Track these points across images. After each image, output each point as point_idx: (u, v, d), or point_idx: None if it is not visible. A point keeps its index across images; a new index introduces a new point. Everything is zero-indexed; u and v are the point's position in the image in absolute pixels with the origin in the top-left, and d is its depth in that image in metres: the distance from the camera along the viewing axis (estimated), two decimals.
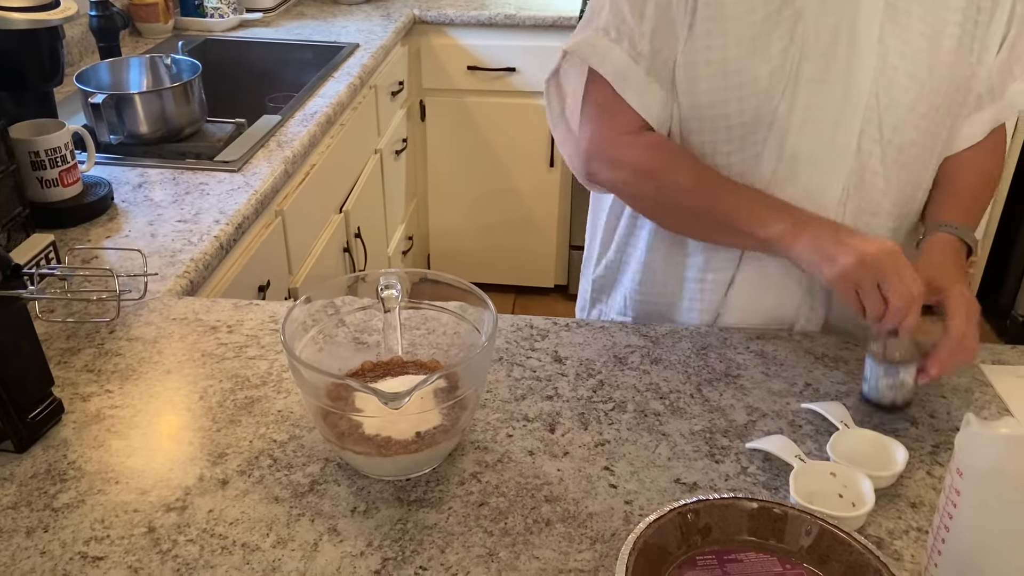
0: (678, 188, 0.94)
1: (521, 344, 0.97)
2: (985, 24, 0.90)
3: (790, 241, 0.86)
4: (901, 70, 0.89)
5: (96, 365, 0.92)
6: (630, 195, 1.01)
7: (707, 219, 0.94)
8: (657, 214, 1.00)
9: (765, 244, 0.89)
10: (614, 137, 0.97)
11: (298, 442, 0.82)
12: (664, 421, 0.85)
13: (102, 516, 0.73)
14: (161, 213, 1.29)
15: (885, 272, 0.80)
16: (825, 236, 0.84)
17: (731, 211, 0.91)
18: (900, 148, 0.92)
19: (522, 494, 0.76)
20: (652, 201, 0.98)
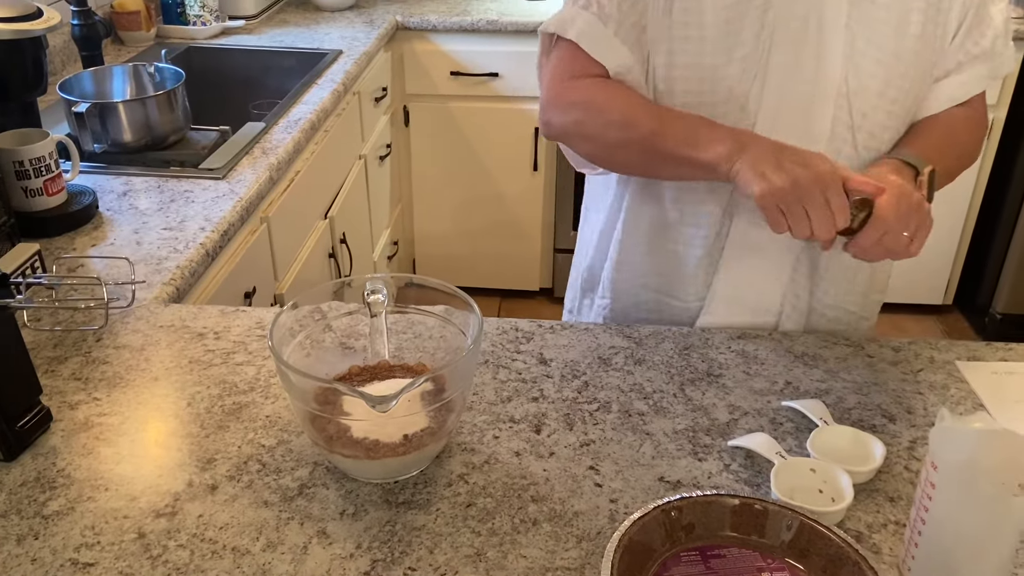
0: (622, 120, 0.94)
1: (506, 347, 0.98)
2: (946, 10, 0.93)
3: (730, 163, 0.87)
4: (868, 56, 0.91)
5: (84, 373, 0.93)
6: (581, 136, 0.99)
7: (652, 151, 0.93)
8: (605, 154, 0.99)
9: (707, 168, 0.89)
10: (568, 82, 0.97)
11: (286, 447, 0.82)
12: (648, 421, 0.86)
13: (92, 523, 0.74)
14: (146, 221, 1.29)
15: (813, 200, 0.83)
16: (765, 157, 0.85)
17: (674, 137, 0.91)
18: (871, 133, 0.95)
19: (509, 494, 0.77)
20: (600, 140, 0.97)
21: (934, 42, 0.94)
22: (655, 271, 1.06)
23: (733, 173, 0.87)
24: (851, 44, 0.90)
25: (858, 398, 0.90)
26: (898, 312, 2.73)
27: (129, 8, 2.11)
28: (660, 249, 1.05)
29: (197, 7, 2.22)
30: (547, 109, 1.00)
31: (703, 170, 0.91)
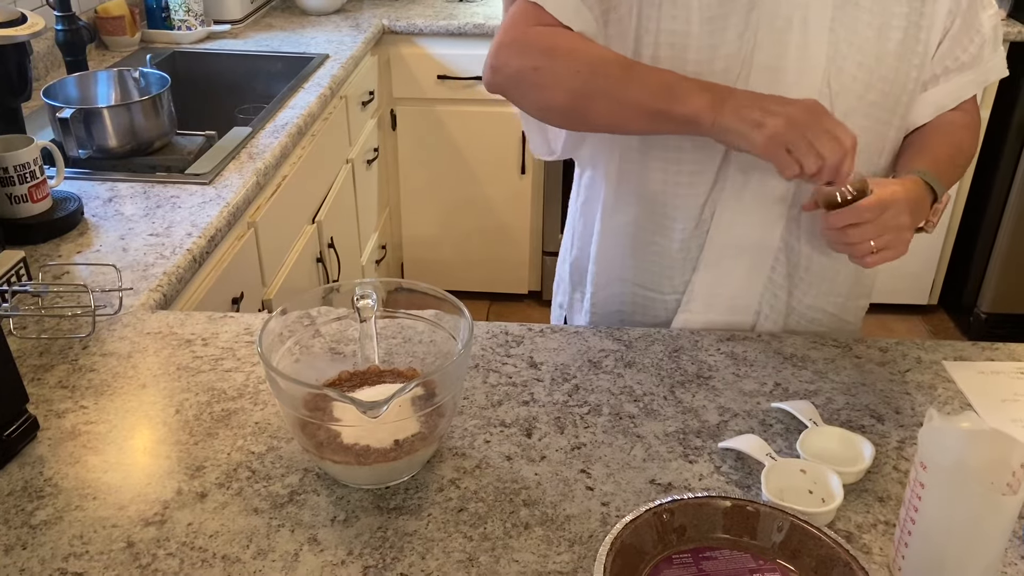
0: (590, 67, 0.89)
1: (496, 351, 0.98)
2: (929, 15, 0.94)
3: (713, 115, 0.85)
4: (850, 59, 0.92)
5: (70, 381, 0.92)
6: (537, 85, 0.92)
7: (622, 101, 0.89)
8: (566, 104, 0.92)
9: (686, 122, 0.87)
10: (528, 28, 0.93)
11: (276, 453, 0.82)
12: (639, 423, 0.86)
13: (80, 532, 0.73)
14: (132, 227, 1.28)
15: (814, 128, 0.83)
16: (748, 105, 0.84)
17: (647, 88, 0.88)
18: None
19: (500, 499, 0.77)
20: (561, 88, 0.91)
21: (916, 46, 0.94)
22: (634, 265, 1.07)
23: (718, 127, 0.85)
24: (835, 46, 0.91)
25: (847, 399, 0.90)
26: (884, 312, 2.75)
27: (113, 13, 2.09)
28: (640, 243, 1.05)
29: (182, 12, 2.21)
30: (499, 52, 0.93)
31: (681, 124, 0.87)
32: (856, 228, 0.87)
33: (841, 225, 0.88)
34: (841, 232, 0.88)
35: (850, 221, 0.87)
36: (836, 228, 0.88)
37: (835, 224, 0.88)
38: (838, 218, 0.88)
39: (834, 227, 0.89)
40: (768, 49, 0.91)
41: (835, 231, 0.89)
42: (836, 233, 0.89)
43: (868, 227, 0.87)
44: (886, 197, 0.88)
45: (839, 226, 0.88)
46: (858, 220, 0.87)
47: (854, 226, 0.87)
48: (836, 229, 0.89)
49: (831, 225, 0.89)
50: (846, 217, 0.87)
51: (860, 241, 0.88)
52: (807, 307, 1.05)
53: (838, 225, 0.88)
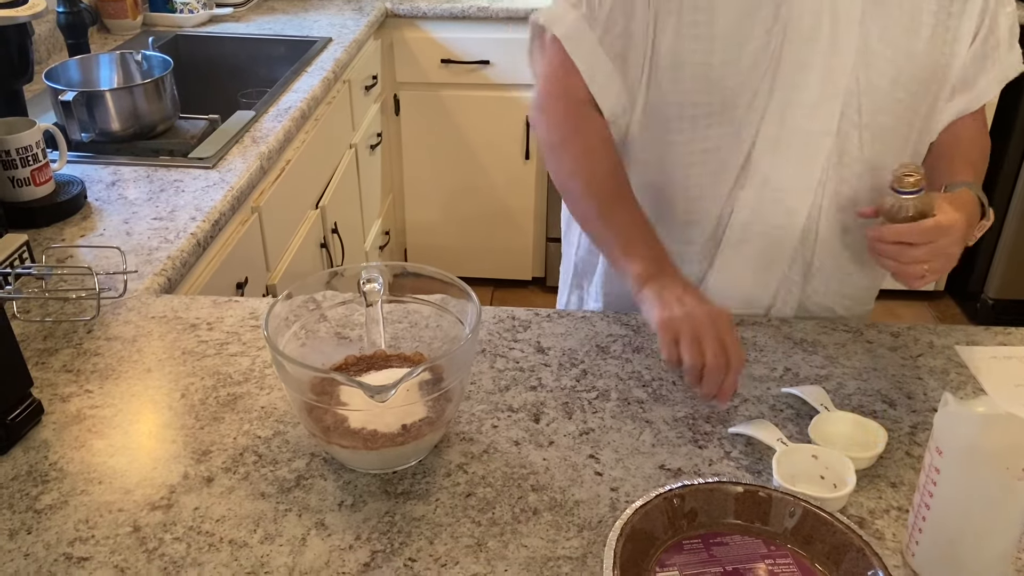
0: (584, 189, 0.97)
1: (503, 336, 0.97)
2: (958, 15, 0.92)
3: (640, 284, 0.88)
4: (880, 54, 0.90)
5: (75, 365, 0.91)
6: (549, 162, 1.01)
7: (594, 226, 0.97)
8: (561, 189, 1.01)
9: (622, 274, 0.91)
10: (561, 102, 0.99)
11: (283, 438, 0.81)
12: (647, 408, 0.86)
13: (86, 516, 0.72)
14: (136, 211, 1.27)
15: (708, 332, 0.81)
16: (670, 289, 0.86)
17: (613, 231, 0.93)
18: (876, 134, 0.94)
19: (509, 484, 0.76)
20: (561, 183, 1.00)
21: (943, 47, 0.92)
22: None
23: (638, 295, 0.88)
24: (865, 40, 0.89)
25: (858, 384, 0.89)
26: (890, 299, 2.74)
27: None
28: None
29: None
30: (538, 111, 1.01)
31: (617, 268, 0.93)
32: (911, 248, 0.86)
33: (895, 240, 0.86)
34: (895, 248, 0.86)
35: (906, 239, 0.85)
36: (889, 242, 0.86)
37: (889, 238, 0.86)
38: (894, 232, 0.86)
39: (887, 240, 0.86)
40: (797, 44, 0.89)
41: (888, 245, 0.87)
42: (889, 247, 0.87)
43: (923, 249, 0.85)
44: (946, 224, 0.85)
45: (893, 240, 0.86)
46: (916, 240, 0.85)
47: (909, 245, 0.86)
48: (889, 243, 0.87)
49: (885, 238, 0.87)
50: (904, 234, 0.85)
51: (912, 262, 0.86)
52: (816, 304, 1.05)
53: (892, 239, 0.86)
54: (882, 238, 0.87)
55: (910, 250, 0.86)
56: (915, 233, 0.85)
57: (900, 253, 0.86)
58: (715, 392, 0.81)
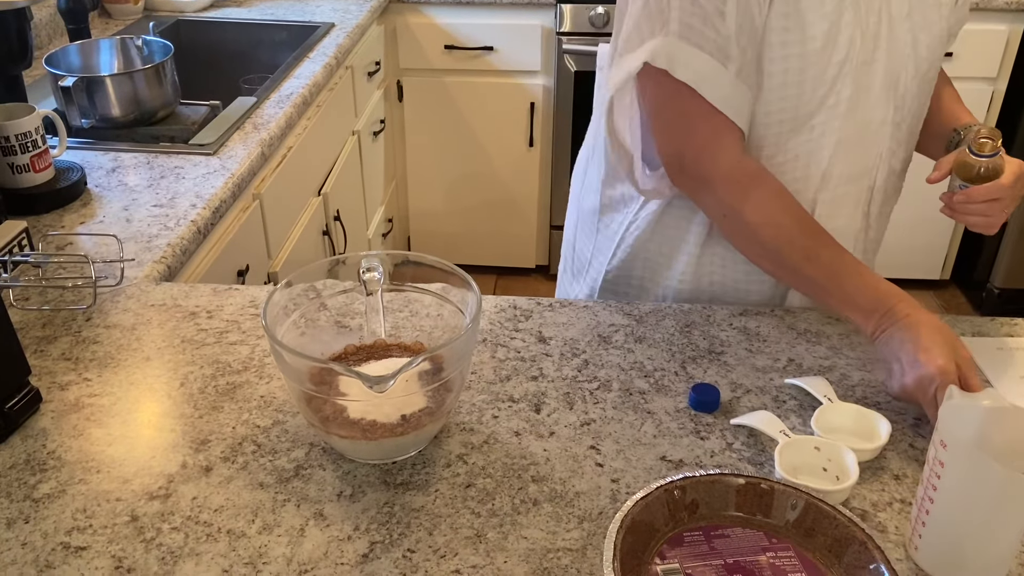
0: (775, 233, 0.89)
1: (505, 325, 0.96)
2: None
3: (873, 334, 0.84)
4: (923, 43, 0.92)
5: (73, 353, 0.91)
6: (717, 217, 0.95)
7: (794, 272, 0.90)
8: (739, 243, 0.94)
9: (846, 319, 0.91)
10: (699, 151, 0.90)
11: (282, 427, 0.81)
12: (649, 399, 0.85)
13: (84, 506, 0.72)
14: (136, 198, 1.26)
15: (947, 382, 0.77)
16: (908, 342, 0.80)
17: (823, 276, 0.87)
18: (916, 111, 0.97)
19: (509, 475, 0.76)
20: (740, 234, 0.93)
21: (950, 15, 0.94)
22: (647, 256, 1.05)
23: (877, 346, 0.84)
24: (913, 33, 0.91)
25: (862, 375, 0.89)
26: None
27: None
28: (660, 236, 1.03)
29: None
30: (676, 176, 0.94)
31: (841, 316, 0.94)
32: (997, 203, 0.91)
33: (984, 199, 0.91)
34: (985, 205, 0.91)
35: (996, 196, 0.90)
36: (979, 202, 0.91)
37: (980, 198, 0.91)
38: (986, 192, 0.90)
39: (978, 200, 0.91)
40: (865, 43, 0.89)
41: (978, 204, 0.91)
42: (979, 206, 0.91)
43: (1006, 202, 0.91)
44: (1019, 171, 0.91)
45: (984, 199, 0.90)
46: (1000, 196, 0.90)
47: (994, 201, 0.90)
48: (979, 203, 0.91)
49: (975, 198, 0.91)
50: (995, 191, 0.90)
51: (997, 215, 0.92)
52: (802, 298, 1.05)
53: (982, 199, 0.91)
54: (972, 199, 0.91)
55: (996, 204, 0.91)
56: (1006, 189, 0.90)
57: (989, 209, 0.91)
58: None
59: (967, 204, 0.92)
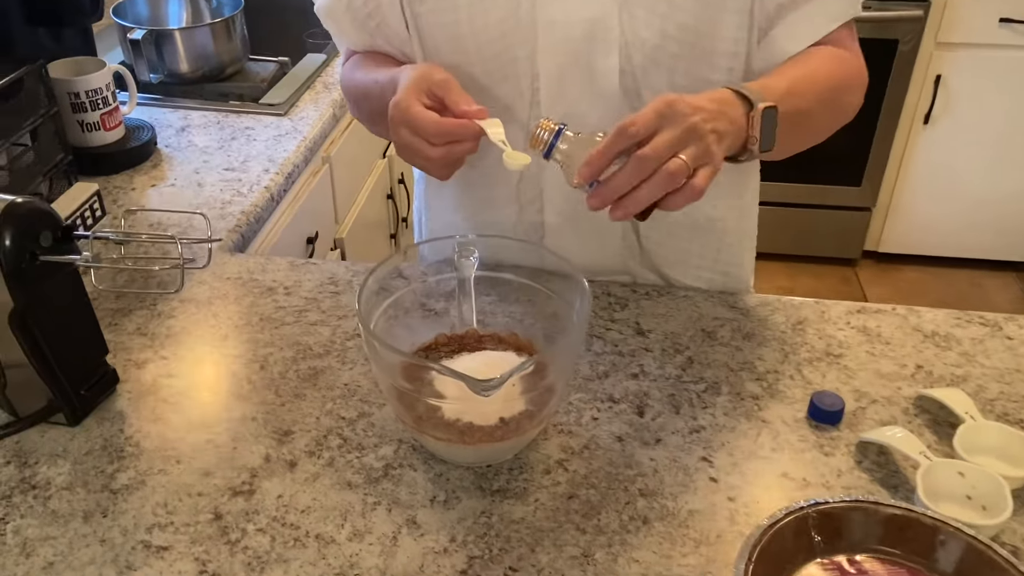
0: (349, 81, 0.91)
1: (599, 314, 0.89)
2: None
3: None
4: (640, 3, 0.78)
5: (149, 328, 0.87)
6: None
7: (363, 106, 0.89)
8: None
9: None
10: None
11: (368, 420, 0.76)
12: (763, 406, 0.78)
13: (164, 500, 0.68)
14: (207, 160, 1.22)
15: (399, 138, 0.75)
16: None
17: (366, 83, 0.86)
18: (660, 92, 0.75)
19: (614, 486, 0.69)
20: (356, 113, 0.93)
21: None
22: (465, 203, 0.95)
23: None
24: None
25: (1001, 387, 0.80)
26: (974, 268, 2.58)
27: None
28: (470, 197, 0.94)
29: None
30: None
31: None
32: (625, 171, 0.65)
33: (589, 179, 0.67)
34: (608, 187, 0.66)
35: (599, 164, 0.66)
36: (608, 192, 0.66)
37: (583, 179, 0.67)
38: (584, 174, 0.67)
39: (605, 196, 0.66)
40: (551, 4, 0.78)
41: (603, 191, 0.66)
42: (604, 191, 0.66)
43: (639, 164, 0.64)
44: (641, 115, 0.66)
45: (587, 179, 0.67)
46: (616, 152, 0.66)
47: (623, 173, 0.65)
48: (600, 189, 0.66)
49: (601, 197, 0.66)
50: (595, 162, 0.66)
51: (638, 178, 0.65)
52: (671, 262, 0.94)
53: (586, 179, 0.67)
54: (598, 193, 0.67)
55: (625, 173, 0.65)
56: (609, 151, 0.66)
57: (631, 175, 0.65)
58: None
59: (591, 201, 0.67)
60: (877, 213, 2.52)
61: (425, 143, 0.73)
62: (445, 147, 0.73)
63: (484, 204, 0.93)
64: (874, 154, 2.40)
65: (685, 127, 0.66)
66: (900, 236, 2.56)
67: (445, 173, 0.77)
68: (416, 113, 0.73)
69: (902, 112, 2.33)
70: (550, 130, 0.71)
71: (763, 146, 0.72)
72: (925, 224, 2.53)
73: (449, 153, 0.73)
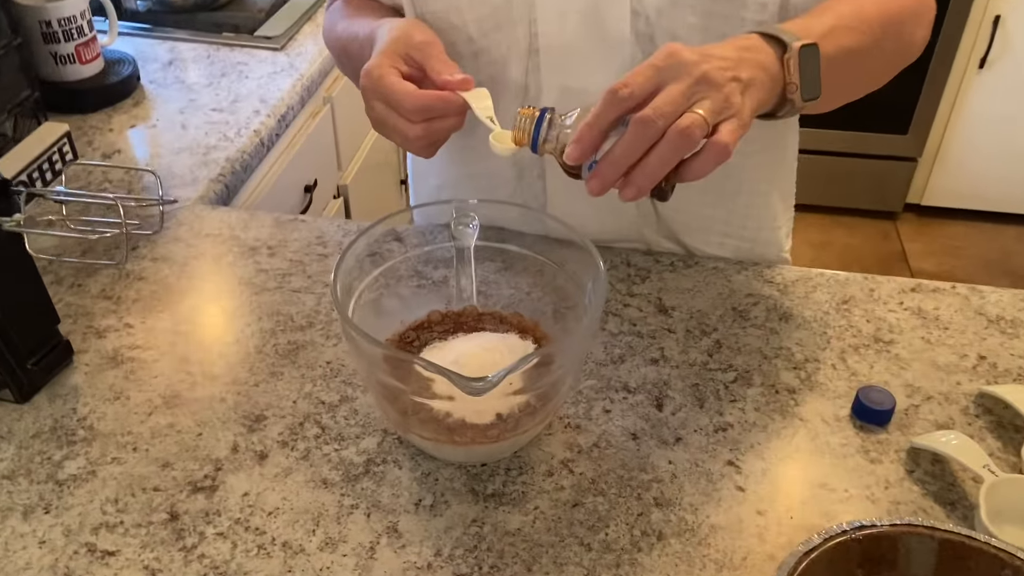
0: (330, 33, 0.81)
1: (616, 287, 0.79)
2: None
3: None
4: None
5: (115, 291, 0.78)
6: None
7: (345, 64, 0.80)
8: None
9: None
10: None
11: (350, 406, 0.67)
12: (800, 400, 0.68)
13: (115, 494, 0.60)
14: (194, 98, 1.11)
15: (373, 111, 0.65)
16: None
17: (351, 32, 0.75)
18: (676, 36, 0.67)
19: (625, 493, 0.61)
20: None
21: None
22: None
23: None
24: None
25: None
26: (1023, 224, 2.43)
27: None
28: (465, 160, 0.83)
29: None
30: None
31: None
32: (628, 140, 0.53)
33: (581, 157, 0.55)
34: (608, 165, 0.54)
35: (588, 139, 0.55)
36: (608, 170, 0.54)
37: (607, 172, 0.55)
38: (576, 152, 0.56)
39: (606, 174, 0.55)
40: None
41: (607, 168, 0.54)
42: (604, 168, 0.55)
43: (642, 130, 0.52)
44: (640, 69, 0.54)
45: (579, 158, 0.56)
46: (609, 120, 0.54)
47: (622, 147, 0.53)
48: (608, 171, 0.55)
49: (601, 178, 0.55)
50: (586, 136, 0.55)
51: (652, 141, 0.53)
52: (691, 227, 0.83)
53: (577, 158, 0.56)
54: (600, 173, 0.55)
55: (624, 141, 0.53)
56: (600, 121, 0.54)
57: (617, 158, 0.54)
58: None
59: (600, 175, 0.55)
60: (923, 163, 2.37)
61: (401, 119, 0.62)
62: (424, 124, 0.62)
63: (478, 169, 0.82)
64: (923, 100, 2.23)
65: (695, 77, 0.53)
66: (946, 188, 2.41)
67: (427, 152, 0.66)
68: (390, 84, 0.62)
69: (956, 55, 2.16)
70: (531, 117, 0.58)
71: (805, 93, 0.60)
72: (974, 176, 2.37)
73: (429, 131, 0.63)
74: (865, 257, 2.35)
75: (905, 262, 2.34)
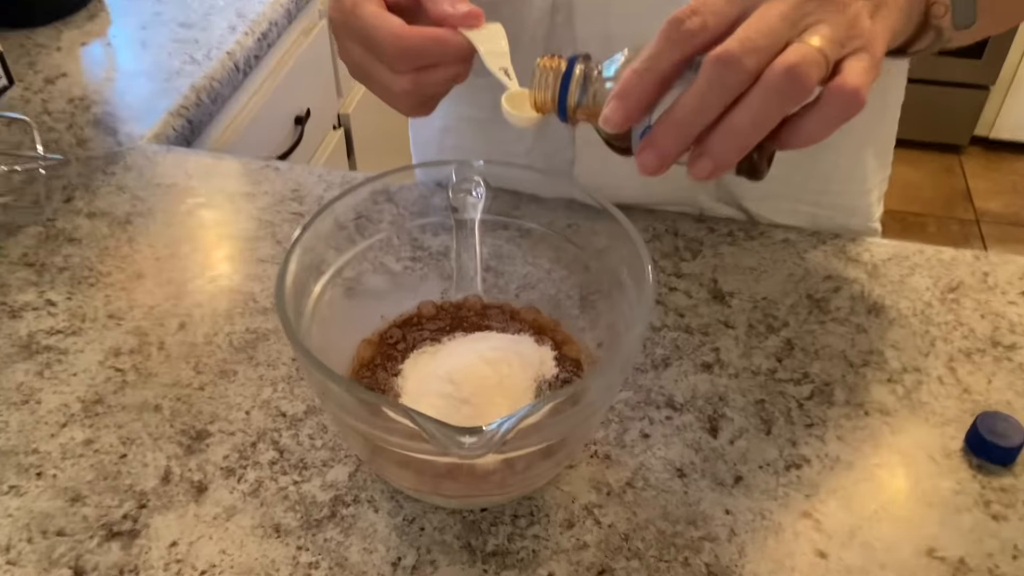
0: None
1: (660, 264, 0.63)
2: None
3: None
4: None
5: (40, 256, 0.64)
6: None
7: None
8: None
9: None
10: None
11: (317, 420, 0.53)
12: (897, 425, 0.53)
13: (8, 540, 0.47)
14: (160, 11, 0.94)
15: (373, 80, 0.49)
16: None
17: None
18: None
19: (667, 555, 0.46)
20: None
21: None
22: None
23: None
24: None
25: None
26: None
27: None
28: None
29: None
30: None
31: None
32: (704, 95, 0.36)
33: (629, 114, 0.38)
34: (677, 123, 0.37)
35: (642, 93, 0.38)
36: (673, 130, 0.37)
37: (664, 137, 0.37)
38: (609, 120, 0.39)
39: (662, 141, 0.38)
40: None
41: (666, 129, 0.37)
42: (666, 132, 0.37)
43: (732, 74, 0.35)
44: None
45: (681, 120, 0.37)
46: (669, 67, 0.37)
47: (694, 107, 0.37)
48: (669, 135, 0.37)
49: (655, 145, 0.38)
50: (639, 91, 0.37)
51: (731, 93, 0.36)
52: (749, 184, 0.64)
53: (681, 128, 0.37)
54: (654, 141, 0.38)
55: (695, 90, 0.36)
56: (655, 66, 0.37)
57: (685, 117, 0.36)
58: None
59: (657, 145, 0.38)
60: (995, 92, 2.13)
61: (383, 67, 0.45)
62: (413, 74, 0.45)
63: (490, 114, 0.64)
64: None
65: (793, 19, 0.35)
66: (1018, 121, 2.18)
67: (417, 111, 0.49)
68: (368, 17, 0.44)
69: None
70: (556, 71, 0.41)
71: (959, 18, 0.42)
72: None
73: (419, 84, 0.46)
74: (925, 194, 2.15)
75: (969, 201, 2.14)
